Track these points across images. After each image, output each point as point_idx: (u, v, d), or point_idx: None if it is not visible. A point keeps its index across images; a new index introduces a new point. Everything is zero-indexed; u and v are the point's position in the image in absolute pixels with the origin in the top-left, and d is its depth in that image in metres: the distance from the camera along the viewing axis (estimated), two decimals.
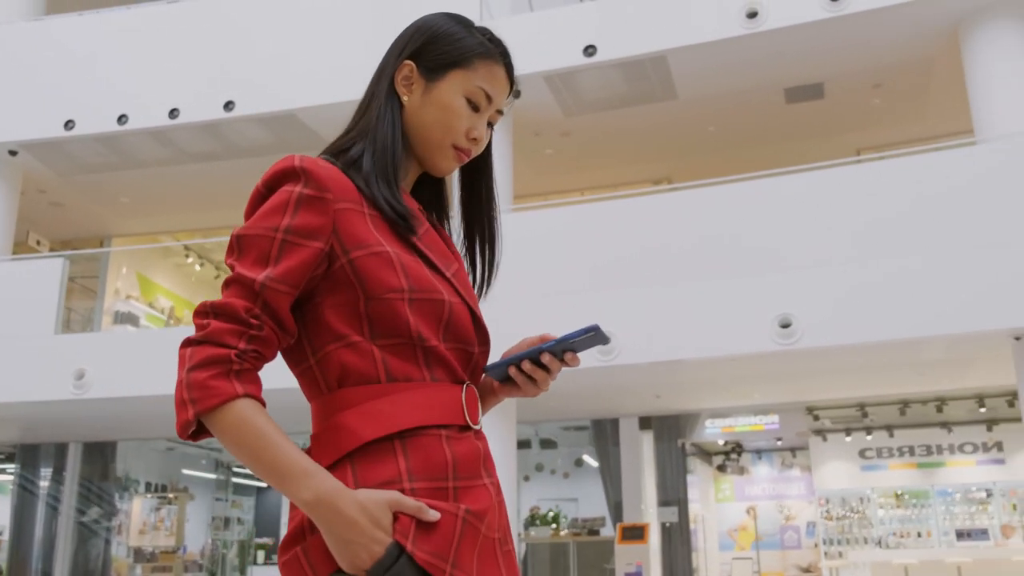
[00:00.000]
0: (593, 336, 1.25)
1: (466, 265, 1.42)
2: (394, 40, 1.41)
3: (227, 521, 13.24)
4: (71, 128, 10.46)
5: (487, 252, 1.45)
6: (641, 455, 11.11)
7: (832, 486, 12.93)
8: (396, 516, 1.13)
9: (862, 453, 12.90)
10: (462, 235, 1.45)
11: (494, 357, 1.37)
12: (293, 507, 1.19)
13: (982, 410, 11.31)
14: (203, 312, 1.19)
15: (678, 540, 10.74)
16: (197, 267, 14.33)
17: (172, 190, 12.07)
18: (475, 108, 1.36)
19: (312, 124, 10.20)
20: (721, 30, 8.86)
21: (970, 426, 12.19)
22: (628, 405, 10.91)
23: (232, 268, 1.23)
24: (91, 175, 11.48)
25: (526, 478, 14.28)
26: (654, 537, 10.73)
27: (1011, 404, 10.73)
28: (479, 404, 1.31)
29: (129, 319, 13.22)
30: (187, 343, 1.18)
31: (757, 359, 8.30)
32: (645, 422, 11.20)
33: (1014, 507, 12.32)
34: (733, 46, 8.97)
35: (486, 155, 1.45)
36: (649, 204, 9.23)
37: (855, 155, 11.04)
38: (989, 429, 12.18)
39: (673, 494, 10.87)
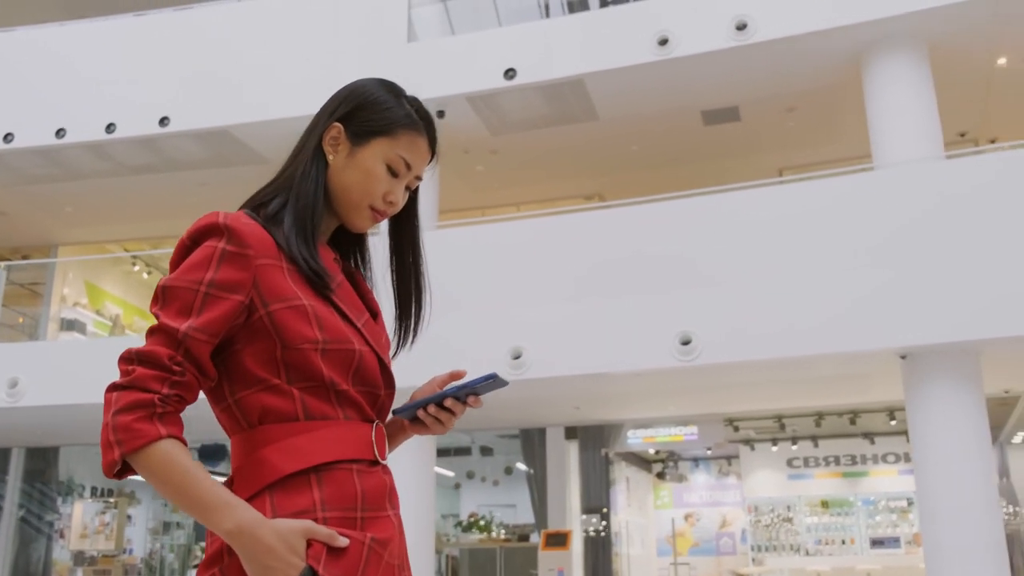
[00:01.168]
0: (493, 382, 1.37)
1: (392, 317, 1.55)
2: (328, 100, 1.50)
3: (167, 526, 13.46)
4: (10, 141, 10.69)
5: (414, 308, 1.56)
6: (567, 464, 11.43)
7: (760, 494, 13.29)
8: (309, 543, 1.24)
9: (789, 462, 13.27)
10: (393, 292, 1.56)
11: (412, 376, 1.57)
12: (211, 533, 1.28)
13: (892, 422, 11.69)
14: (128, 359, 1.27)
15: (601, 546, 11.06)
16: (145, 275, 14.55)
17: (115, 201, 12.31)
18: (394, 174, 1.45)
19: (246, 140, 10.48)
20: (634, 56, 9.20)
21: (892, 437, 12.58)
22: (554, 415, 11.23)
23: (157, 317, 1.31)
24: (34, 186, 11.71)
25: (456, 485, 14.59)
26: (577, 544, 11.05)
27: (891, 417, 11.17)
28: (386, 442, 1.42)
29: (76, 326, 13.43)
30: (113, 387, 1.25)
31: (668, 373, 8.61)
32: (571, 432, 11.53)
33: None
34: (647, 71, 9.30)
35: (411, 216, 1.55)
36: (566, 223, 9.55)
37: (778, 175, 11.41)
38: (908, 440, 12.54)
39: (596, 501, 11.20)
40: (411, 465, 8.78)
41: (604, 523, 11.11)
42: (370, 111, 1.45)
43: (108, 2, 12.61)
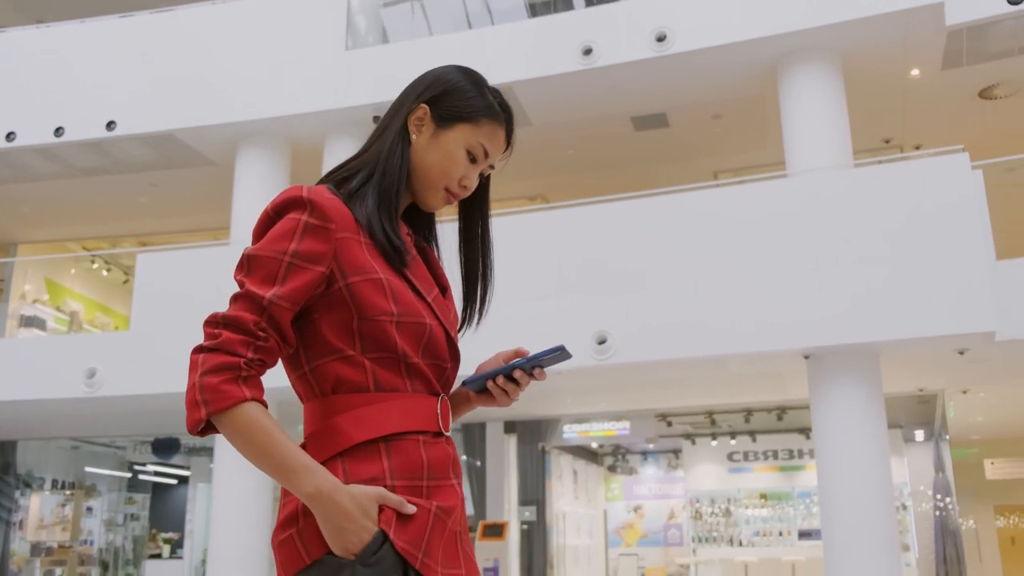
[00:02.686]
0: (559, 354, 1.44)
1: (459, 294, 1.63)
2: (412, 82, 1.57)
3: (126, 517, 13.79)
4: None
5: (480, 290, 1.63)
6: (506, 458, 11.79)
7: (702, 487, 13.67)
8: (381, 508, 1.31)
9: (729, 456, 13.64)
10: (461, 272, 1.64)
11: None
12: (285, 494, 1.35)
13: None
14: (214, 323, 1.33)
15: (536, 537, 11.43)
16: (104, 272, 14.85)
17: (70, 201, 12.60)
18: (472, 160, 1.53)
19: (191, 143, 10.77)
20: (559, 65, 9.51)
21: None
22: (493, 411, 11.58)
23: (241, 284, 1.36)
24: None
25: None
26: (513, 535, 11.42)
27: None
28: (450, 414, 1.49)
29: (35, 323, 13.73)
30: (199, 350, 1.32)
31: (597, 371, 8.93)
32: (510, 426, 11.88)
33: None
34: (574, 79, 9.62)
35: (483, 202, 1.63)
36: (497, 225, 9.86)
37: (713, 178, 11.76)
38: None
39: (533, 494, 11.56)
40: None
41: (540, 515, 11.47)
42: (456, 97, 1.51)
43: (59, 7, 12.89)
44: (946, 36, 8.89)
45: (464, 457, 11.85)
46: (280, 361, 1.43)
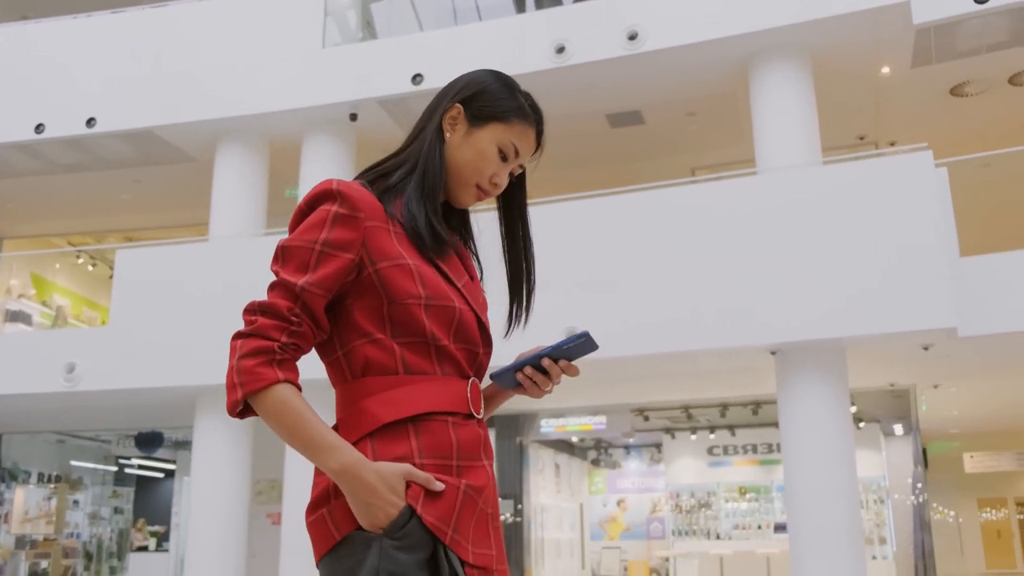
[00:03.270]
0: (584, 342, 1.47)
1: (480, 272, 1.69)
2: (447, 84, 1.64)
3: (112, 511, 13.92)
4: None
5: (525, 286, 1.68)
6: None
7: (682, 481, 13.78)
8: (408, 485, 1.34)
9: (709, 450, 13.75)
10: (507, 273, 1.69)
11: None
12: (318, 474, 1.40)
13: None
14: (251, 310, 1.39)
15: (514, 531, 11.54)
16: (90, 267, 14.94)
17: (54, 197, 12.69)
18: (503, 158, 1.57)
19: (171, 140, 10.86)
20: (533, 63, 9.59)
21: None
22: None
23: (277, 274, 1.43)
24: None
25: None
26: None
27: None
28: (482, 397, 1.51)
29: (21, 318, 13.83)
30: (237, 335, 1.38)
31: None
32: (488, 420, 11.96)
33: None
34: (548, 77, 9.69)
35: (521, 199, 1.68)
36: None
37: (691, 175, 11.84)
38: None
39: (511, 488, 11.68)
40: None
41: (518, 508, 11.59)
42: (489, 98, 1.57)
43: (41, 3, 12.96)
44: (914, 34, 8.97)
45: None
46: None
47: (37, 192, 12.45)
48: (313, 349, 1.48)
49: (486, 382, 1.63)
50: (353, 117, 10.26)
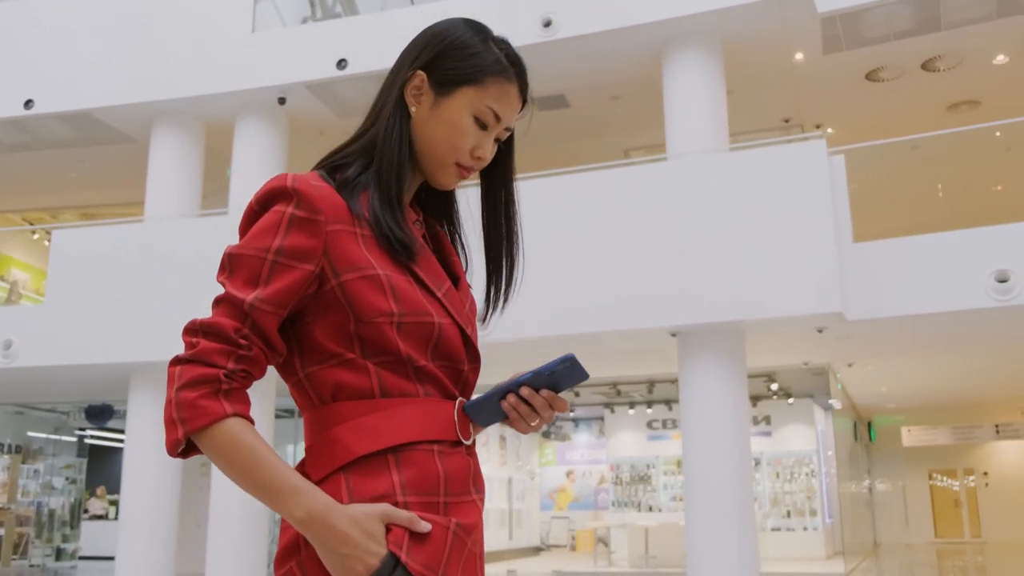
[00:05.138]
0: (569, 367, 1.25)
1: (465, 263, 1.46)
2: (408, 44, 1.39)
3: (65, 480, 14.33)
4: None
5: (506, 267, 1.45)
6: None
7: (622, 454, 14.15)
8: (389, 528, 1.15)
9: (648, 424, 14.10)
10: (485, 249, 1.45)
11: None
12: (284, 521, 1.20)
13: None
14: (192, 331, 1.19)
15: None
16: (46, 243, 15.21)
17: (6, 175, 12.94)
18: (483, 126, 1.34)
19: (109, 121, 11.09)
20: None
21: None
22: None
23: (223, 286, 1.22)
24: None
25: None
26: None
27: None
28: (470, 421, 1.30)
29: None
30: (176, 361, 1.18)
31: (495, 345, 9.33)
32: None
33: (777, 475, 13.60)
34: None
35: (507, 169, 1.44)
36: None
37: (625, 156, 12.07)
38: (754, 405, 13.41)
39: None
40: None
41: None
42: (455, 57, 1.34)
43: None
44: (820, 23, 9.17)
45: None
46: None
47: None
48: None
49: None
50: (282, 101, 10.48)
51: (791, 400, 13.03)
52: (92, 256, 10.48)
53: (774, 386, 12.78)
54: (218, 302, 1.21)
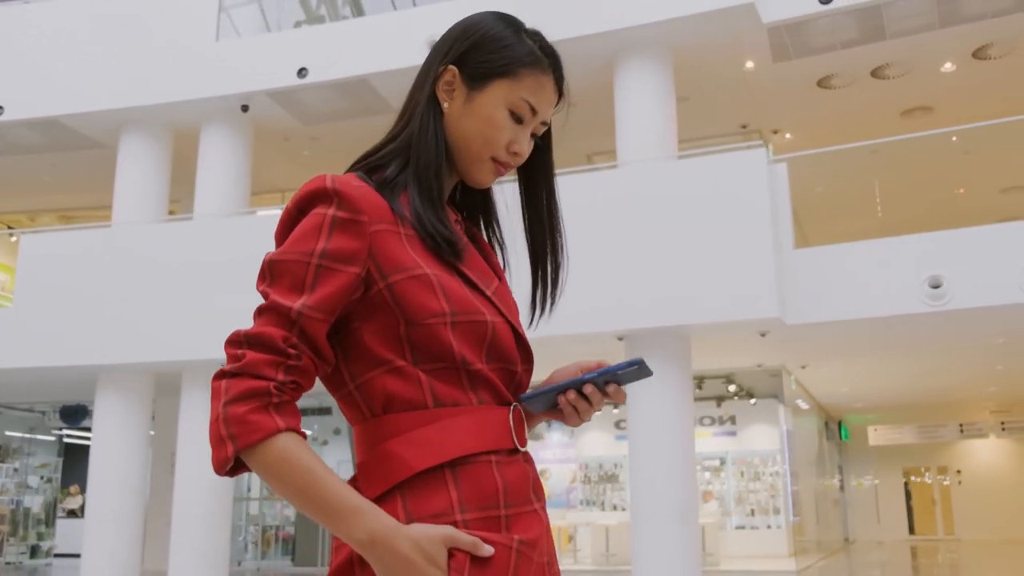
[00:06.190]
0: (638, 369, 1.25)
1: (509, 278, 1.42)
2: (439, 40, 1.36)
3: (40, 479, 14.56)
4: None
5: (551, 269, 1.42)
6: None
7: (591, 453, 14.35)
8: (451, 552, 1.11)
9: (616, 424, 14.30)
10: (528, 250, 1.43)
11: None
12: (337, 538, 1.16)
13: (698, 390, 12.84)
14: (237, 342, 1.14)
15: None
16: None
17: None
18: (518, 120, 1.31)
19: (77, 127, 11.31)
20: (411, 58, 9.99)
21: (701, 403, 13.62)
22: None
23: (265, 295, 1.17)
24: None
25: (324, 442, 15.69)
26: None
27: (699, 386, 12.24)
28: (525, 426, 1.28)
29: None
30: (221, 375, 1.13)
31: None
32: None
33: (742, 474, 13.81)
34: None
35: (546, 164, 1.42)
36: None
37: (588, 162, 12.25)
38: (718, 405, 13.63)
39: None
40: None
41: None
42: (487, 50, 1.30)
43: None
44: (767, 33, 9.36)
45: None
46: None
47: None
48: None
49: None
50: (244, 108, 10.69)
51: (753, 401, 13.23)
52: (60, 259, 10.70)
53: (732, 387, 12.98)
54: (261, 311, 1.16)
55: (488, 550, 1.13)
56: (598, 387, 1.26)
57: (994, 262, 8.08)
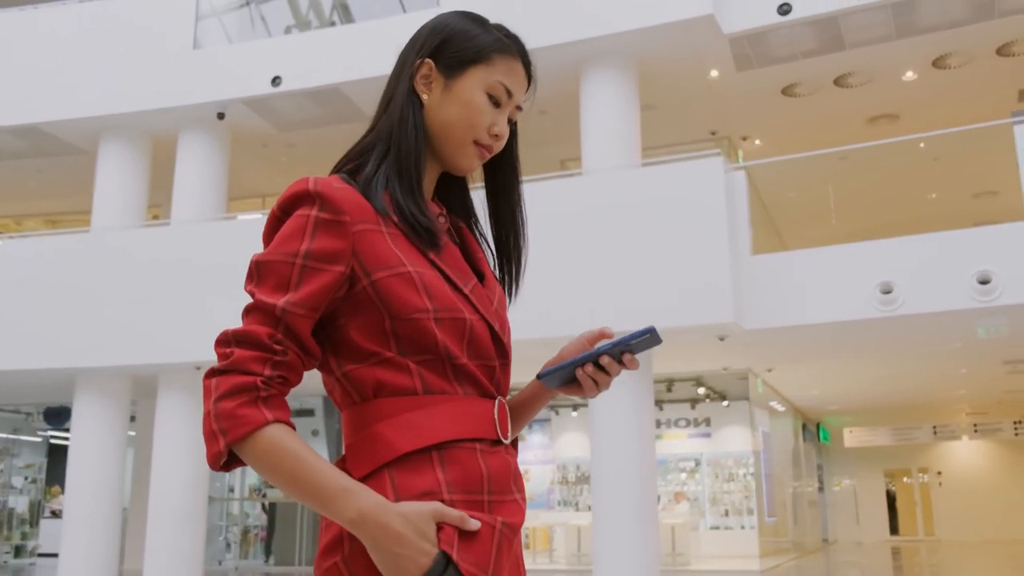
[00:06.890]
0: (649, 337, 1.28)
1: (491, 260, 1.45)
2: (408, 41, 1.41)
3: (24, 479, 14.76)
4: None
5: (514, 256, 1.46)
6: None
7: (568, 455, 14.55)
8: (440, 526, 1.14)
9: None
10: (494, 240, 1.45)
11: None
12: (326, 518, 1.19)
13: (669, 392, 13.00)
14: (225, 341, 1.18)
15: None
16: None
17: None
18: (496, 103, 1.35)
19: (58, 134, 11.52)
20: (382, 67, 10.18)
21: (676, 404, 13.81)
22: None
23: (252, 295, 1.21)
24: None
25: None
26: None
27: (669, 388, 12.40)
28: (509, 419, 1.32)
29: None
30: (211, 373, 1.17)
31: None
32: None
33: (716, 475, 14.00)
34: None
35: (509, 154, 1.44)
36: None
37: (561, 167, 12.45)
38: (692, 407, 13.82)
39: None
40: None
41: None
42: (459, 41, 1.36)
43: None
44: (728, 43, 9.55)
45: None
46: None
47: None
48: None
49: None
50: (221, 116, 10.89)
51: (726, 403, 13.42)
52: (39, 264, 10.91)
53: (702, 390, 13.17)
54: (248, 311, 1.21)
55: (475, 524, 1.16)
56: (614, 358, 1.31)
57: (944, 269, 8.27)
